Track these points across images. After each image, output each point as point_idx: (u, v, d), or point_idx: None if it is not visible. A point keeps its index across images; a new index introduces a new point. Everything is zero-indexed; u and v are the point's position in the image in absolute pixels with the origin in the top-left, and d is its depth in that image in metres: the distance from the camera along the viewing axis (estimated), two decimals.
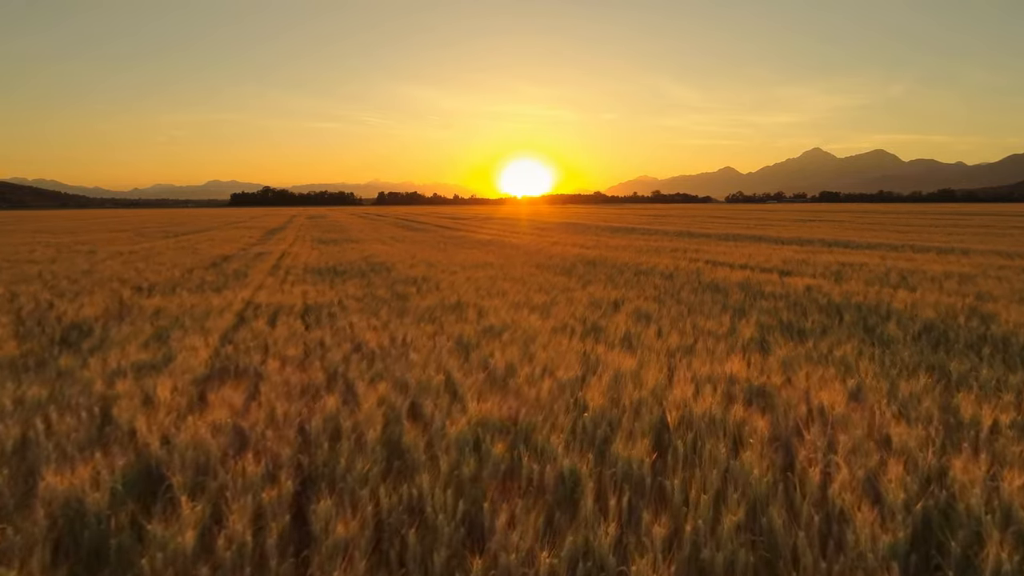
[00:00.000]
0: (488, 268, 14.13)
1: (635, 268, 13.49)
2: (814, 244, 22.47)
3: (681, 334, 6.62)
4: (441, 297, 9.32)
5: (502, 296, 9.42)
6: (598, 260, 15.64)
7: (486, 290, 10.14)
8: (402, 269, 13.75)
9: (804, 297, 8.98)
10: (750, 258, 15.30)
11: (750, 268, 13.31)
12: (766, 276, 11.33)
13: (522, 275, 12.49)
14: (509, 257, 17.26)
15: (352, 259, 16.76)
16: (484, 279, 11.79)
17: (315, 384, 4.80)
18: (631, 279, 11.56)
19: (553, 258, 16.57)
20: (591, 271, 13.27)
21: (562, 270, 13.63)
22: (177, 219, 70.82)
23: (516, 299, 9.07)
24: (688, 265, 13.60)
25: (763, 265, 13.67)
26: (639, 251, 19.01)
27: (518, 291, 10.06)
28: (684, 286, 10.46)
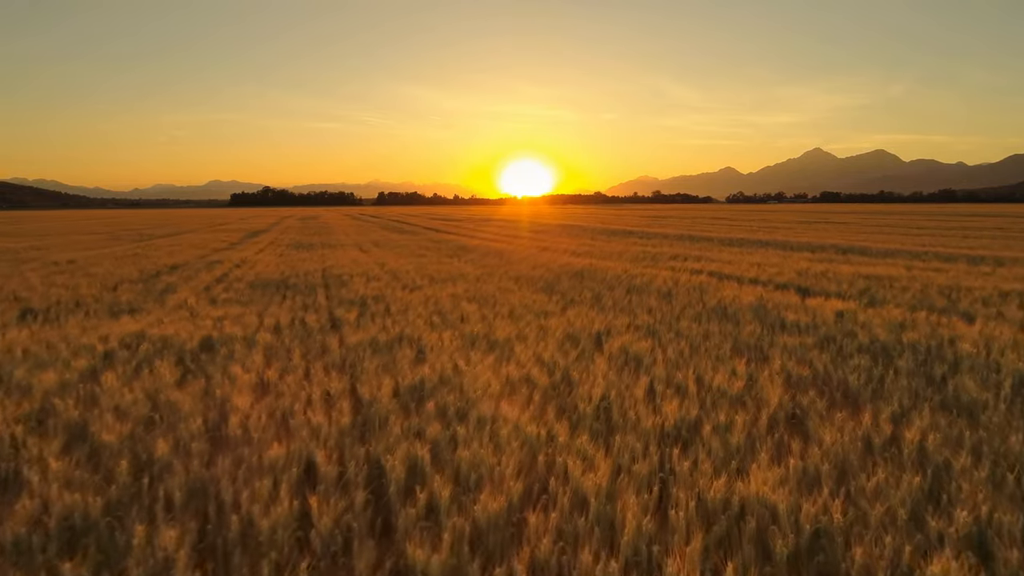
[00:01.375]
0: (460, 282, 12.29)
1: (628, 282, 11.64)
2: (827, 250, 20.62)
3: (680, 395, 4.78)
4: (381, 328, 7.48)
5: (458, 326, 7.57)
6: (587, 271, 13.79)
7: (442, 316, 8.30)
8: (358, 284, 11.90)
9: (836, 329, 7.13)
10: (760, 269, 13.44)
11: (762, 283, 11.45)
12: (783, 296, 9.47)
13: (495, 292, 10.65)
14: (489, 267, 15.42)
15: (312, 269, 14.92)
16: (447, 298, 9.95)
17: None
18: (621, 299, 9.71)
19: (537, 268, 14.73)
20: (577, 286, 11.42)
21: (544, 285, 11.79)
22: (165, 220, 69.01)
23: (475, 330, 7.24)
24: (689, 279, 11.75)
25: (776, 279, 11.81)
26: (635, 259, 17.17)
27: (481, 317, 8.23)
28: (685, 310, 8.61)
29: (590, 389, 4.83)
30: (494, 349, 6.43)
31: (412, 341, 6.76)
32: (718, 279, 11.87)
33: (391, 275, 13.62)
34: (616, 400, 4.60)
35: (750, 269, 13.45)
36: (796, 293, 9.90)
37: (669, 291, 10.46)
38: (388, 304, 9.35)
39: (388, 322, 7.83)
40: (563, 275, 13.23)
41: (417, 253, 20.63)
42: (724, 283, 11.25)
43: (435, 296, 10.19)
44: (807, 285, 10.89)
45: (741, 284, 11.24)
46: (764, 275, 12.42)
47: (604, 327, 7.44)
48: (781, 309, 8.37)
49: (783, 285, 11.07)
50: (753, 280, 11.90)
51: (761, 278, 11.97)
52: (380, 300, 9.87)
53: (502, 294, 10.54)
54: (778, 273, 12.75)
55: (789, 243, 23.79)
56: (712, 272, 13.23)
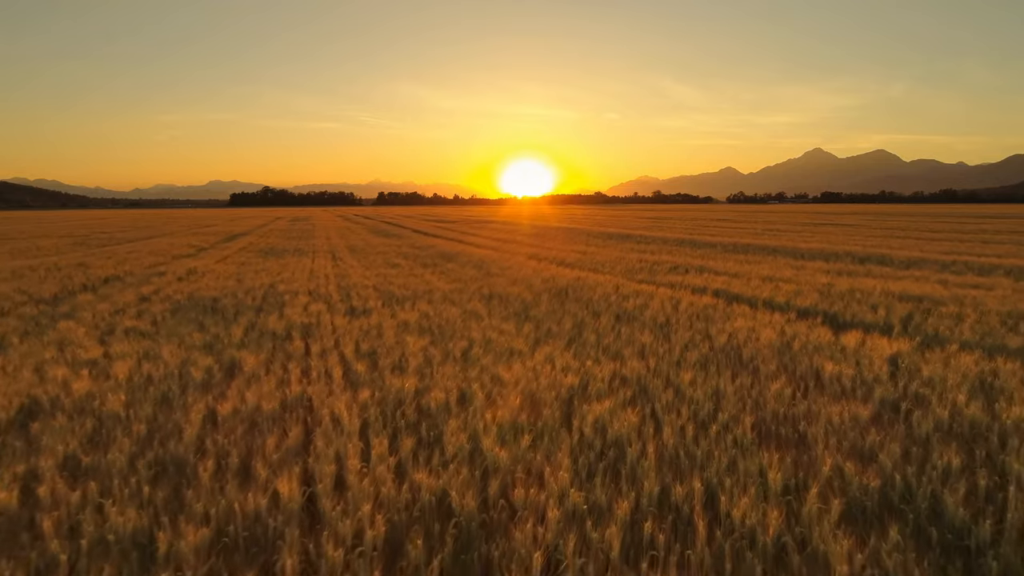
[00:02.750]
0: (421, 302, 10.40)
1: (619, 305, 9.73)
2: (842, 259, 18.71)
3: (683, 541, 2.89)
4: (279, 383, 5.57)
5: (385, 379, 5.66)
6: (574, 288, 11.88)
7: (372, 360, 6.40)
8: (298, 306, 10.00)
9: (895, 389, 5.21)
10: (775, 287, 11.53)
11: (780, 308, 9.53)
12: (810, 329, 7.55)
13: (457, 319, 8.75)
14: (464, 281, 13.52)
15: (260, 284, 13.01)
16: (393, 329, 8.04)
17: None
18: (608, 331, 7.80)
19: (518, 283, 12.83)
20: (558, 310, 9.52)
21: (519, 308, 9.89)
22: (150, 222, 67.12)
23: (405, 386, 5.34)
24: (692, 301, 9.84)
25: (796, 301, 9.90)
26: (630, 270, 15.26)
27: (425, 361, 6.33)
28: (687, 351, 6.70)
29: (532, 535, 2.93)
30: (415, 429, 4.54)
31: (307, 409, 4.86)
32: (726, 301, 9.96)
33: (344, 293, 11.72)
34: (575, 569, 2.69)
35: (763, 287, 11.53)
36: (825, 324, 7.98)
37: (667, 319, 8.55)
38: (314, 340, 7.45)
39: (295, 372, 5.93)
40: (545, 293, 11.33)
41: (392, 262, 18.73)
42: (734, 307, 9.34)
43: (380, 326, 8.29)
44: (835, 310, 8.98)
45: (755, 309, 9.32)
46: (780, 295, 10.50)
47: (580, 381, 5.54)
48: (812, 352, 6.46)
49: (807, 311, 9.15)
50: (768, 303, 9.99)
51: (777, 299, 10.05)
52: (309, 332, 7.97)
53: (465, 321, 8.64)
54: (797, 292, 10.84)
55: (799, 250, 21.89)
56: (718, 291, 11.31)
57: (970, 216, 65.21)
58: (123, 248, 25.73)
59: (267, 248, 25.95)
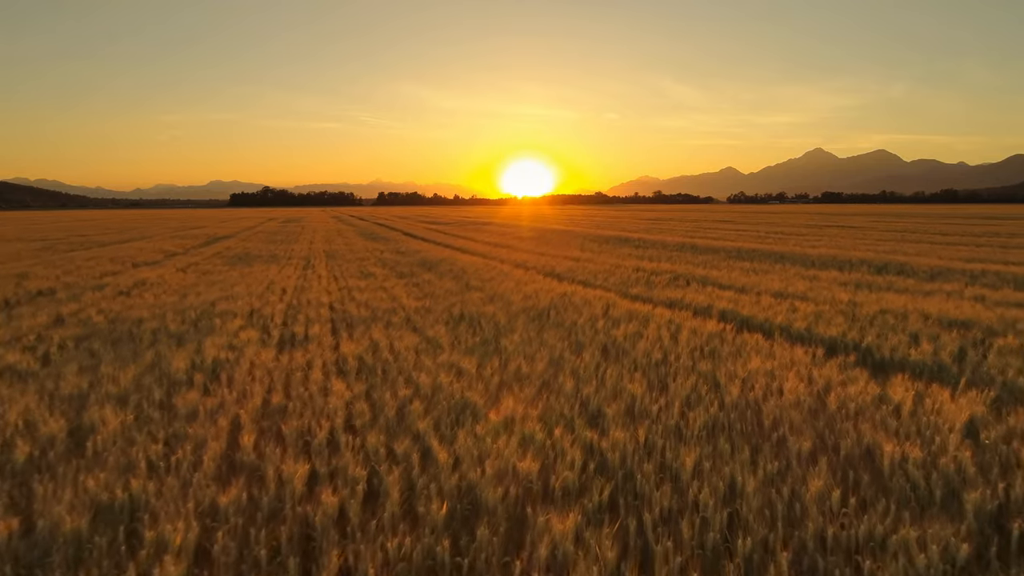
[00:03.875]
0: (375, 326, 8.84)
1: (607, 334, 8.14)
2: (857, 268, 17.14)
3: None
4: (102, 490, 4.03)
5: (260, 473, 4.11)
6: (559, 307, 10.32)
7: (269, 427, 4.84)
8: (224, 335, 8.40)
9: (993, 495, 3.63)
10: (790, 307, 9.94)
11: (801, 338, 7.93)
12: (846, 374, 5.97)
13: (408, 351, 7.19)
14: (435, 296, 11.97)
15: (203, 302, 11.44)
16: (322, 369, 6.48)
17: None
18: (590, 373, 6.23)
19: (495, 300, 11.27)
20: (534, 340, 7.94)
21: (490, 335, 8.32)
22: (137, 224, 65.57)
23: (293, 476, 3.80)
24: (695, 328, 8.26)
25: (820, 329, 8.28)
26: (624, 284, 13.69)
27: (334, 428, 4.77)
28: (689, 410, 5.14)
29: None
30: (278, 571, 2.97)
31: (126, 528, 3.30)
32: (735, 327, 8.38)
33: (291, 314, 10.15)
34: None
35: (776, 307, 9.95)
36: (861, 364, 6.41)
37: (664, 355, 6.97)
38: (215, 388, 5.87)
39: (153, 451, 4.35)
40: (524, 315, 9.76)
41: (366, 271, 17.18)
42: (745, 337, 7.76)
43: (310, 364, 6.72)
44: (869, 343, 7.38)
45: (770, 339, 7.74)
46: (799, 318, 8.92)
47: (543, 464, 3.98)
48: (856, 415, 4.88)
49: (834, 344, 7.56)
50: (786, 330, 8.40)
51: (796, 325, 8.46)
52: (217, 374, 6.40)
53: (420, 356, 7.08)
54: (817, 314, 9.26)
55: (808, 257, 20.32)
56: (725, 312, 9.73)
57: (977, 217, 63.60)
58: (86, 254, 24.17)
59: (241, 254, 24.40)
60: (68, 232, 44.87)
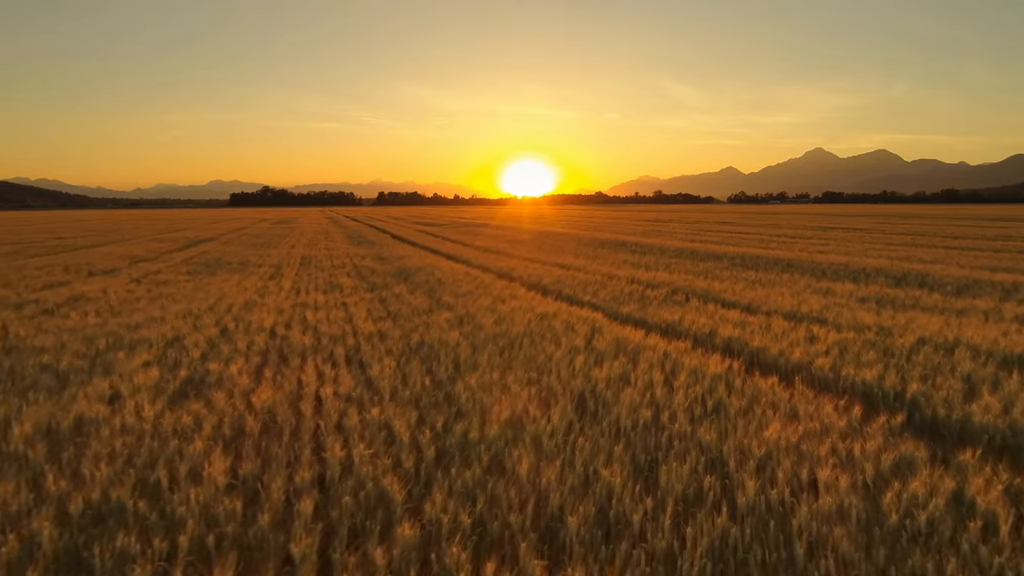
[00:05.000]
0: (311, 360, 7.34)
1: (585, 375, 6.63)
2: (874, 279, 15.63)
3: None
4: None
5: None
6: (534, 335, 8.82)
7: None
8: (100, 388, 6.91)
9: None
10: (808, 332, 8.41)
11: (829, 387, 6.43)
12: (898, 449, 4.47)
13: (331, 407, 5.70)
14: (397, 317, 10.47)
15: (123, 327, 9.95)
16: (204, 441, 4.99)
17: None
18: (556, 446, 4.72)
19: (465, 323, 9.77)
20: (495, 384, 6.44)
21: (445, 373, 6.82)
22: (126, 224, 64.06)
23: None
24: (695, 367, 6.74)
25: (850, 371, 6.75)
26: (616, 300, 12.18)
27: None
28: (686, 521, 3.63)
29: None
30: None
31: None
32: (745, 365, 6.87)
33: (221, 341, 8.62)
34: None
35: (792, 334, 8.42)
36: (915, 431, 4.91)
37: (656, 411, 5.45)
38: (54, 465, 4.37)
39: None
40: (492, 344, 8.25)
41: (335, 282, 15.69)
42: (757, 381, 6.25)
43: (198, 423, 5.22)
44: (916, 393, 5.86)
45: (789, 385, 6.22)
46: (821, 353, 7.39)
47: None
48: (930, 535, 3.37)
49: (872, 393, 6.04)
50: (806, 369, 6.88)
51: (818, 363, 6.92)
52: (57, 448, 4.89)
53: (346, 409, 5.59)
54: (840, 344, 7.74)
55: (817, 265, 18.80)
56: (731, 342, 8.20)
57: (984, 219, 62.04)
58: (45, 260, 22.66)
59: (212, 260, 22.90)
60: (48, 235, 43.38)
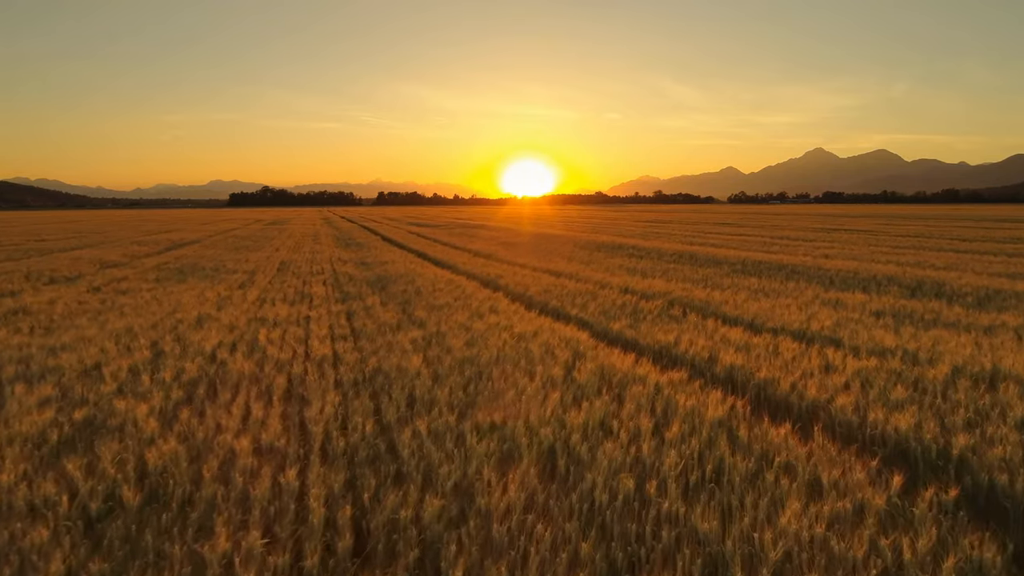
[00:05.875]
0: (242, 397, 6.22)
1: (559, 420, 5.50)
2: (885, 287, 14.49)
3: None
4: None
5: None
6: (507, 360, 7.69)
7: None
8: None
9: None
10: (821, 358, 7.27)
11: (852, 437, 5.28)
12: (958, 550, 3.37)
13: (229, 469, 4.59)
14: (360, 336, 9.35)
15: (72, 340, 8.84)
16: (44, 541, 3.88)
17: None
18: (512, 514, 3.61)
19: (433, 344, 8.64)
20: (455, 427, 5.32)
21: (392, 415, 5.69)
22: (115, 226, 62.95)
23: None
24: (693, 407, 5.60)
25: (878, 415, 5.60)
26: (606, 314, 11.05)
27: None
28: None
29: None
30: None
31: None
32: (753, 402, 5.75)
33: (142, 371, 7.48)
34: None
35: (802, 358, 7.28)
36: (975, 513, 3.78)
37: (641, 482, 4.33)
38: None
39: None
40: (457, 374, 7.12)
41: (305, 292, 14.58)
42: (768, 430, 5.11)
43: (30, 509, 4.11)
44: (965, 450, 4.73)
45: (806, 436, 5.09)
46: (840, 387, 6.26)
47: None
48: None
49: (909, 451, 4.90)
50: (822, 409, 5.74)
51: (839, 402, 5.78)
52: None
53: (257, 468, 4.48)
54: (862, 374, 6.61)
55: (824, 271, 17.67)
56: (734, 371, 7.06)
57: (988, 219, 60.89)
58: (8, 266, 21.51)
59: (186, 266, 21.77)
60: (29, 237, 42.25)
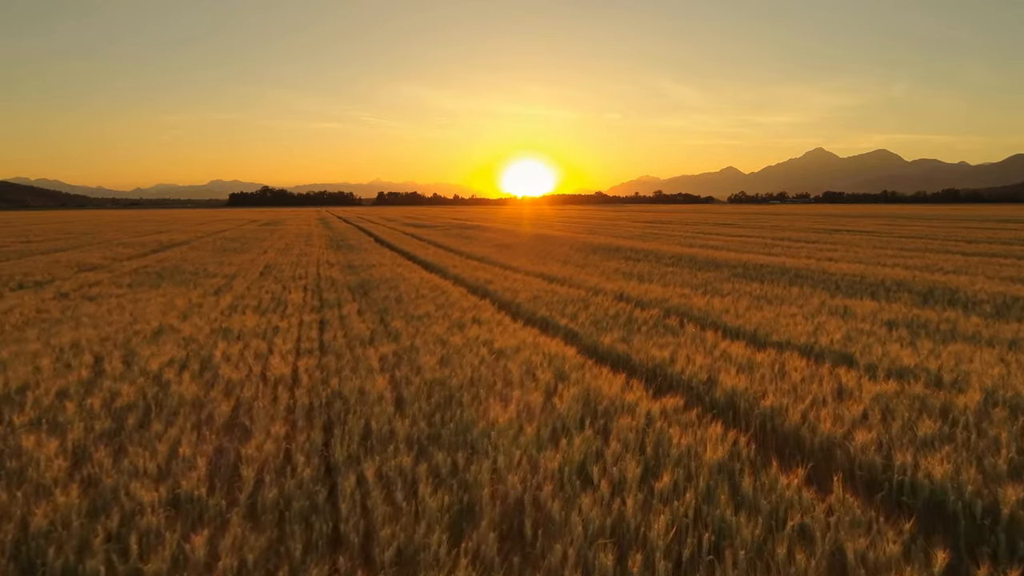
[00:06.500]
0: (152, 429, 5.42)
1: (531, 463, 4.68)
2: (895, 294, 13.67)
3: None
4: None
5: None
6: (478, 385, 6.89)
7: None
8: None
9: None
10: (835, 382, 6.45)
11: (883, 492, 4.46)
12: None
13: (130, 541, 3.80)
14: (326, 349, 8.54)
15: (8, 356, 8.05)
16: None
17: None
18: None
19: (403, 360, 7.83)
20: (409, 469, 4.52)
21: (342, 454, 4.89)
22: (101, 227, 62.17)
23: None
24: (687, 451, 4.79)
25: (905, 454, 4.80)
26: (599, 323, 10.24)
27: None
28: None
29: None
30: None
31: None
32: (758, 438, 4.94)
33: (66, 397, 6.69)
34: None
35: (812, 381, 6.47)
36: None
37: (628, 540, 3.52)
38: None
39: None
40: (425, 397, 6.31)
41: (280, 299, 13.77)
42: (776, 477, 4.30)
43: None
44: (1015, 506, 3.93)
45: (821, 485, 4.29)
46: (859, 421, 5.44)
47: None
48: None
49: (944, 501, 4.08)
50: (838, 447, 4.92)
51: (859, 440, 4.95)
52: None
53: (171, 527, 3.67)
54: (883, 401, 5.80)
55: (829, 276, 16.87)
56: (737, 397, 6.25)
57: (992, 220, 60.13)
58: None
59: (169, 268, 20.97)
60: (16, 238, 41.44)
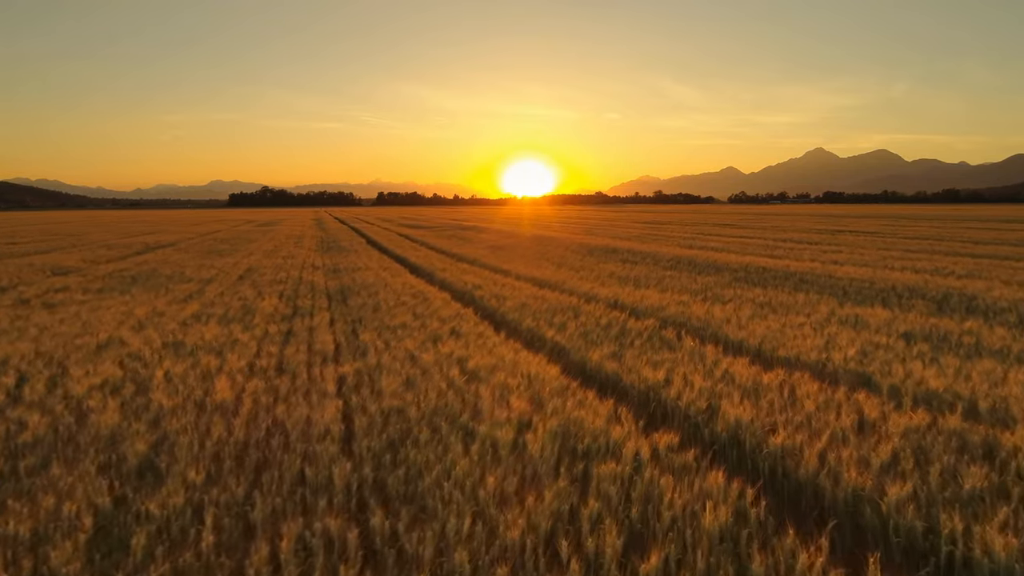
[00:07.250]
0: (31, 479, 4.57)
1: (486, 530, 3.84)
2: (907, 301, 12.79)
3: None
4: None
5: None
6: (442, 417, 6.02)
7: None
8: None
9: None
10: (856, 416, 5.58)
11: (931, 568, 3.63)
12: None
13: None
14: (285, 368, 7.68)
15: None
16: None
17: None
18: None
19: (364, 383, 6.97)
20: (344, 527, 3.67)
21: (264, 514, 4.05)
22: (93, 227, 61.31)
23: None
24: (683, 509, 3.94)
25: (953, 517, 3.94)
26: (588, 336, 9.36)
27: None
28: None
29: None
30: None
31: None
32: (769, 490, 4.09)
33: None
34: None
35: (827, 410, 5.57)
36: None
37: None
38: None
39: None
40: (379, 432, 5.45)
41: (252, 307, 12.91)
42: (793, 549, 3.44)
43: None
44: None
45: (850, 561, 3.43)
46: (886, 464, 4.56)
47: None
48: None
49: None
50: (868, 503, 4.05)
51: (891, 493, 4.08)
52: None
53: None
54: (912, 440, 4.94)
55: (836, 281, 15.98)
56: (742, 431, 5.37)
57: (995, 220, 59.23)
58: None
59: (145, 272, 20.12)
60: (2, 239, 40.60)
